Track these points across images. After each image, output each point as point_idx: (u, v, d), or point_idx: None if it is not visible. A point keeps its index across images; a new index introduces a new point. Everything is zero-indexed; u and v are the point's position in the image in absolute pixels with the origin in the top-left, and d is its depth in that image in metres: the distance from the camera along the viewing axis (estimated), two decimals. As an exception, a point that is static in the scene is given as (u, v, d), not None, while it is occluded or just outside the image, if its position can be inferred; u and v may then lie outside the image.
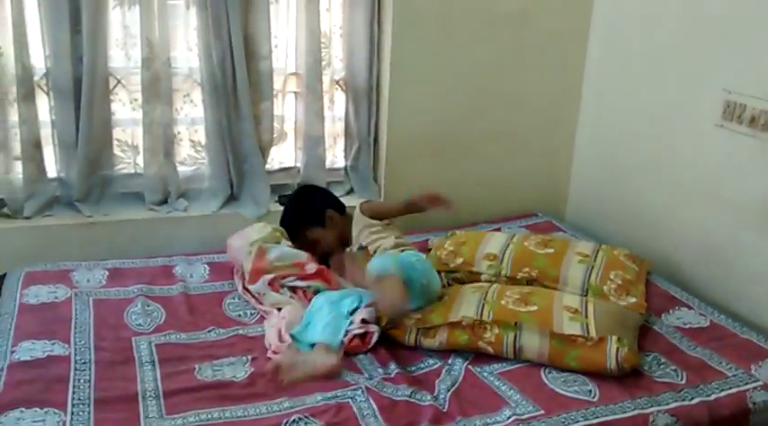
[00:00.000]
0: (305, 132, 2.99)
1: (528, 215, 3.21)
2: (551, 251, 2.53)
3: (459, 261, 2.55)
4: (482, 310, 2.17)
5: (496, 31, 3.02)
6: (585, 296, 2.37)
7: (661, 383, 2.04)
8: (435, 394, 1.94)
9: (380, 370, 2.04)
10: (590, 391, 1.99)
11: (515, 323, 2.11)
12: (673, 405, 1.94)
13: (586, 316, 2.16)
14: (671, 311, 2.43)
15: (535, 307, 2.19)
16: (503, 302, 2.21)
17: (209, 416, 1.81)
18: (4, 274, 2.45)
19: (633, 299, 2.36)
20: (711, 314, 2.42)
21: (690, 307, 2.46)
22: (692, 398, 1.98)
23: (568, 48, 3.16)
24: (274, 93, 2.89)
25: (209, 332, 2.21)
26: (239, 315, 2.31)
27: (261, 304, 2.33)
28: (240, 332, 2.22)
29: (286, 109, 2.98)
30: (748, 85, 2.41)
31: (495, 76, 3.08)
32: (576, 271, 2.45)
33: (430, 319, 2.17)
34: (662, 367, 2.12)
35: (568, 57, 3.17)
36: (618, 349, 2.03)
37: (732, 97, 2.46)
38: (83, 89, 2.61)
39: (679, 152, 2.73)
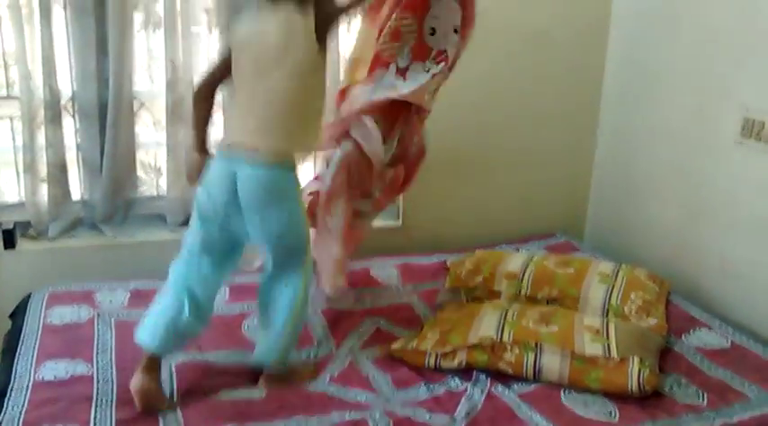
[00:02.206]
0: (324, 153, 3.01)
1: (547, 235, 3.21)
2: (572, 270, 2.53)
3: (479, 279, 2.56)
4: (502, 330, 2.17)
5: (515, 51, 3.04)
6: (606, 316, 2.36)
7: (682, 405, 2.02)
8: (454, 416, 1.94)
9: (400, 392, 2.04)
10: (610, 413, 1.97)
11: (536, 344, 2.10)
12: (694, 427, 1.93)
13: (608, 337, 2.15)
14: (691, 331, 2.41)
15: (556, 328, 2.18)
16: (523, 322, 2.21)
17: (228, 435, 1.83)
18: (29, 295, 2.49)
19: (654, 321, 2.35)
20: (732, 334, 2.39)
21: (710, 328, 2.44)
22: (714, 420, 1.96)
23: (587, 68, 3.17)
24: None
25: (228, 353, 2.22)
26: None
27: None
28: (258, 352, 2.23)
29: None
30: (767, 102, 2.40)
31: (514, 96, 3.10)
32: (597, 291, 2.44)
33: (450, 340, 2.17)
34: (683, 388, 2.10)
35: (587, 76, 3.19)
36: (640, 370, 2.02)
37: (750, 114, 2.46)
38: (108, 112, 2.67)
39: (698, 170, 2.72)
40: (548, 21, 3.04)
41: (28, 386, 1.97)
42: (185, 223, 2.88)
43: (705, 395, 2.06)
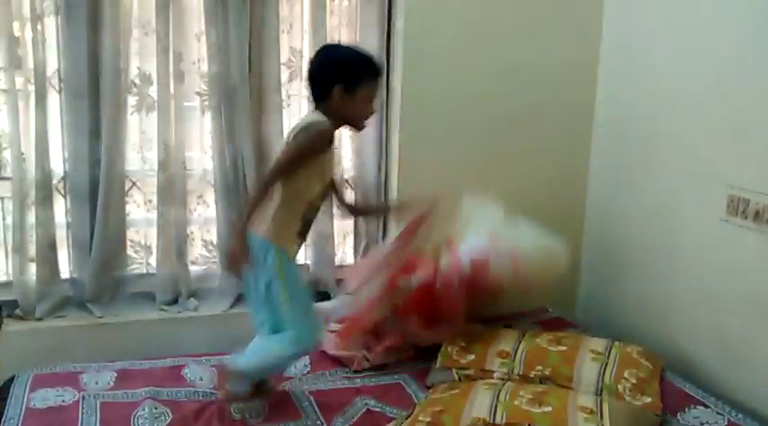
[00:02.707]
0: (315, 230, 3.02)
1: (538, 310, 3.19)
2: (564, 348, 2.51)
3: (471, 357, 2.53)
4: (495, 411, 2.13)
5: (500, 135, 3.09)
6: (600, 395, 2.33)
7: (679, 488, 1.97)
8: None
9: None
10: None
11: (528, 425, 2.07)
12: None
13: (602, 417, 2.11)
14: (686, 410, 2.37)
15: (549, 408, 2.14)
16: (516, 402, 2.17)
17: None
18: (13, 377, 2.44)
19: (648, 399, 2.32)
20: (729, 413, 2.35)
21: (706, 406, 2.40)
22: None
23: (573, 144, 3.23)
24: (286, 193, 2.95)
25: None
26: (245, 417, 2.27)
27: None
28: (247, 435, 2.19)
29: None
30: (751, 181, 2.45)
31: (496, 175, 3.12)
32: (590, 370, 2.42)
33: (442, 422, 2.13)
34: (679, 470, 2.05)
35: (573, 152, 3.24)
36: None
37: (735, 192, 2.49)
38: (99, 191, 2.69)
39: (686, 246, 2.74)
40: (534, 97, 3.11)
41: (7, 475, 1.91)
42: (174, 301, 2.89)
43: (703, 478, 2.01)
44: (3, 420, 2.19)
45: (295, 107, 2.96)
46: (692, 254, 2.71)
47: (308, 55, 2.88)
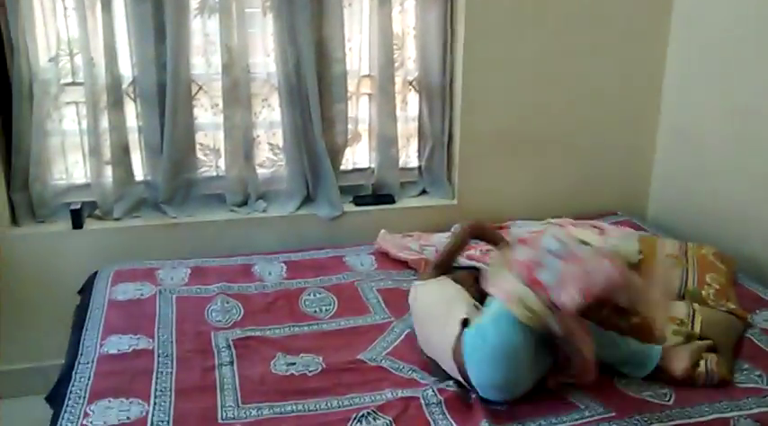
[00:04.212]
0: (378, 133, 3.03)
1: (608, 213, 3.13)
2: (641, 256, 2.42)
3: None
4: None
5: (571, 28, 2.97)
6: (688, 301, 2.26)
7: (744, 388, 1.96)
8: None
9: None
10: (665, 394, 1.93)
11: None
12: (756, 411, 1.87)
13: (692, 328, 2.08)
14: (757, 312, 2.33)
15: (637, 318, 2.08)
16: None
17: (282, 409, 1.87)
18: (96, 272, 2.59)
19: (732, 305, 2.27)
20: (801, 316, 2.30)
21: (778, 308, 2.35)
22: (777, 404, 1.89)
23: (648, 41, 3.06)
24: (348, 95, 2.94)
25: (285, 327, 2.27)
26: (315, 311, 2.37)
27: None
28: (315, 327, 2.28)
29: (360, 110, 3.03)
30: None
31: (570, 73, 3.03)
32: (673, 277, 2.35)
33: None
34: (745, 372, 2.03)
35: (648, 50, 3.08)
36: (709, 360, 1.97)
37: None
38: (167, 95, 2.74)
39: (765, 146, 2.60)
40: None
41: (94, 360, 2.06)
42: (243, 203, 2.97)
43: (768, 379, 1.99)
44: (88, 311, 2.34)
45: (357, 7, 2.89)
46: (771, 154, 2.58)
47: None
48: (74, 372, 2.01)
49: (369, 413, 1.84)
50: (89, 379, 1.97)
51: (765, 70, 2.58)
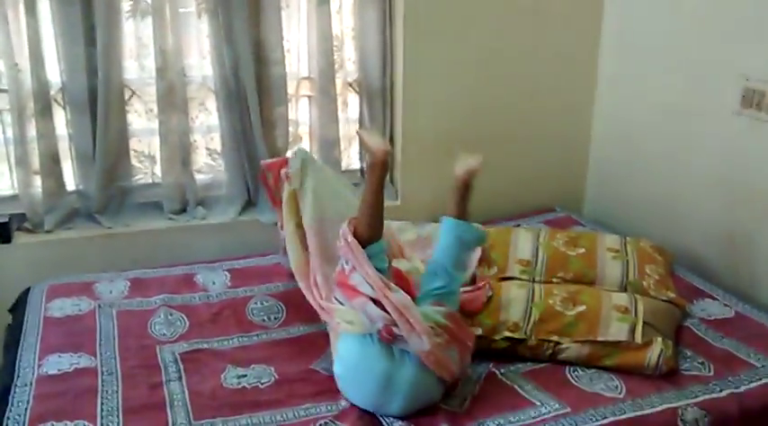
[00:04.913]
0: (320, 135, 2.99)
1: (546, 210, 3.20)
2: (582, 250, 2.47)
3: (494, 270, 2.43)
4: (529, 313, 2.15)
5: (508, 27, 3.01)
6: (626, 291, 2.33)
7: (689, 376, 2.03)
8: (456, 395, 1.94)
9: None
10: (617, 387, 1.98)
11: (556, 344, 2.09)
12: (701, 399, 1.93)
13: (635, 315, 2.14)
14: (695, 302, 2.41)
15: (584, 307, 2.16)
16: (550, 301, 2.18)
17: (237, 423, 1.83)
18: (29, 288, 2.47)
19: (672, 294, 2.34)
20: (736, 304, 2.40)
21: (714, 298, 2.44)
22: (721, 390, 1.97)
23: (582, 40, 3.14)
24: (288, 97, 2.90)
25: (233, 338, 2.21)
26: (263, 320, 2.32)
27: None
28: (264, 337, 2.23)
29: (301, 113, 2.99)
30: (767, 72, 2.38)
31: (508, 73, 3.07)
32: (613, 269, 2.41)
33: (479, 322, 2.13)
34: (689, 360, 2.10)
35: (582, 49, 3.15)
36: (661, 351, 2.02)
37: (751, 84, 2.43)
38: (98, 101, 2.64)
39: (697, 141, 2.70)
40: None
41: (32, 381, 1.96)
42: (183, 210, 2.89)
43: (711, 366, 2.06)
44: (23, 329, 2.23)
45: (294, 8, 2.85)
46: (703, 149, 2.68)
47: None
48: (10, 396, 1.90)
49: (326, 423, 1.82)
50: (28, 403, 1.87)
51: (694, 68, 2.68)
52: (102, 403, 1.87)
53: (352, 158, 3.15)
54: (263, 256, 2.73)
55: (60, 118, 2.69)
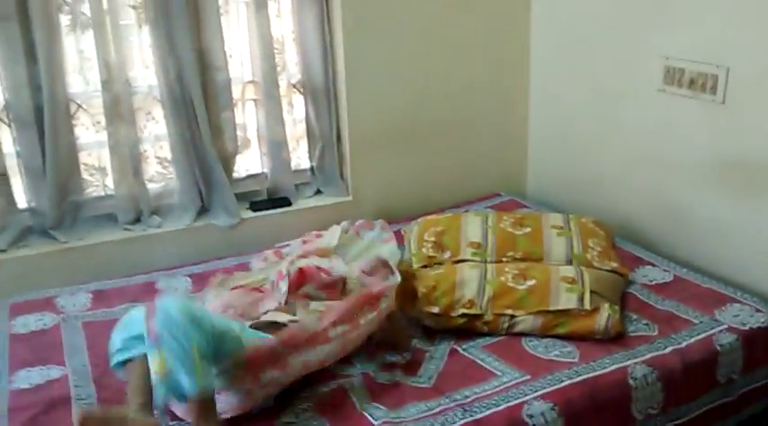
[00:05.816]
0: (268, 138, 3.05)
1: (492, 195, 3.33)
2: (529, 230, 2.59)
3: (448, 254, 2.52)
4: (483, 290, 2.26)
5: (442, 21, 3.12)
6: (572, 265, 2.45)
7: (635, 337, 2.18)
8: (421, 374, 2.04)
9: (372, 362, 2.11)
10: (570, 352, 2.11)
11: (511, 317, 2.21)
12: (648, 356, 2.08)
13: (582, 285, 2.27)
14: (636, 270, 2.57)
15: (534, 281, 2.28)
16: (502, 278, 2.30)
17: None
18: (-12, 307, 2.46)
19: (615, 264, 2.49)
20: (674, 269, 2.57)
21: (653, 265, 2.61)
22: (665, 348, 2.12)
23: (512, 29, 3.27)
24: (234, 101, 2.95)
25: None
26: (228, 321, 2.36)
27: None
28: (231, 336, 2.28)
29: (247, 116, 3.04)
30: (685, 50, 2.56)
31: (445, 65, 3.18)
32: (558, 245, 2.53)
33: (437, 302, 2.24)
34: (634, 322, 2.25)
35: (513, 37, 3.29)
36: (609, 316, 2.16)
37: (671, 62, 2.61)
38: (45, 117, 2.63)
39: (626, 119, 2.87)
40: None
41: (5, 398, 1.97)
42: (137, 220, 2.90)
43: (655, 326, 2.22)
44: (-12, 348, 2.22)
45: (234, 14, 2.90)
46: (631, 125, 2.84)
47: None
48: (-16, 414, 1.91)
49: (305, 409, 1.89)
50: (3, 419, 1.88)
51: (620, 51, 2.84)
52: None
53: (301, 158, 3.21)
54: (221, 259, 2.78)
55: (6, 136, 2.68)
